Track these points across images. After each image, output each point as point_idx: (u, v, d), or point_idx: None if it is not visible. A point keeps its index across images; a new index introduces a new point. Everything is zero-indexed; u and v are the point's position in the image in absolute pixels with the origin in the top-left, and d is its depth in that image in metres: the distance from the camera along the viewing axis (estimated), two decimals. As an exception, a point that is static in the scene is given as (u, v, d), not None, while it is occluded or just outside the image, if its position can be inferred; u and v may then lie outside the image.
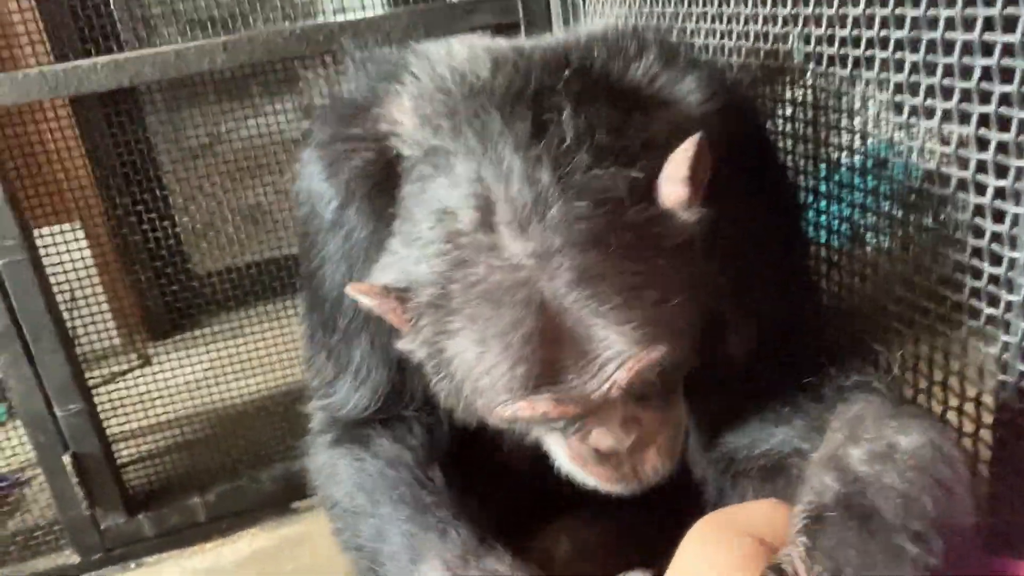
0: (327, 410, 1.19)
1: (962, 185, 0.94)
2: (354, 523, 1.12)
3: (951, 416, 1.06)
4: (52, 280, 2.26)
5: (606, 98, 0.96)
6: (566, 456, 1.00)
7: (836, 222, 1.28)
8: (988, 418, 0.99)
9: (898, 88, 1.00)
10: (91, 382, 2.45)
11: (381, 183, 1.02)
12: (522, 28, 2.23)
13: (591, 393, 0.87)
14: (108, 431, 2.47)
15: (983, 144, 0.89)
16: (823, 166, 1.29)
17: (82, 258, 2.49)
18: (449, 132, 0.93)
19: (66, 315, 2.34)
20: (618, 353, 0.85)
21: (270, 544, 2.53)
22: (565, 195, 0.85)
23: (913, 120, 0.99)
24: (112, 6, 2.89)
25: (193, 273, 3.21)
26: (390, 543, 1.06)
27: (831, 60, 1.13)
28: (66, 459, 2.32)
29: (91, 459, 2.36)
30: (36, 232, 2.25)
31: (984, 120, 0.87)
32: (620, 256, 0.85)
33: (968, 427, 1.03)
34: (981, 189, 0.91)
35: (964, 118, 0.91)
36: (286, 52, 2.04)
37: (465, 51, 1.04)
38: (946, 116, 0.93)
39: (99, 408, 2.43)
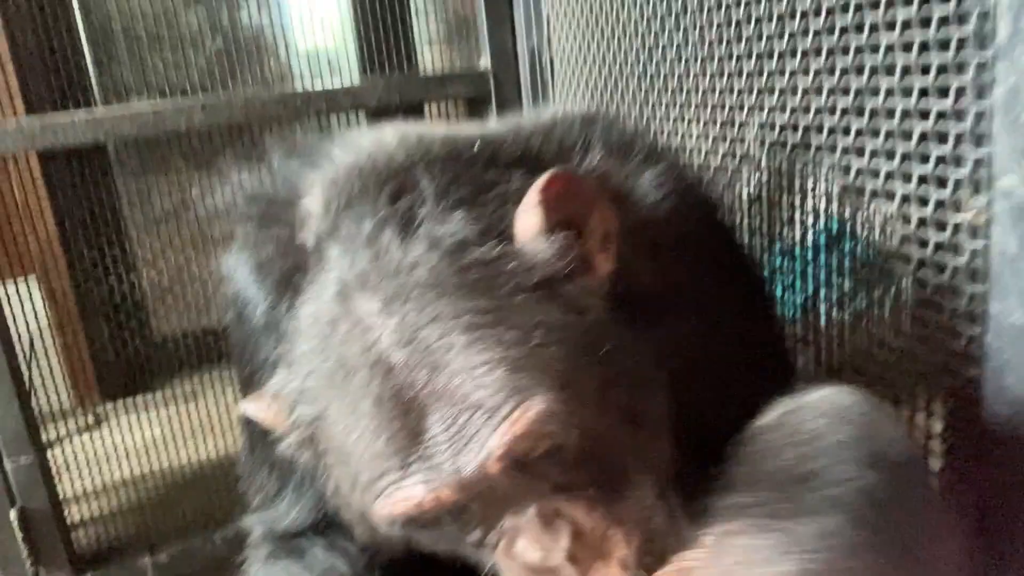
0: (266, 524, 1.13)
1: (921, 263, 1.01)
2: None
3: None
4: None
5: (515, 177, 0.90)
6: None
7: (800, 297, 1.34)
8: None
9: (858, 172, 1.07)
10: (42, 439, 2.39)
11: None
12: (493, 103, 2.31)
13: (463, 469, 0.74)
14: (57, 489, 2.40)
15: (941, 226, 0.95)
16: (788, 242, 1.35)
17: (38, 314, 2.46)
18: (335, 219, 0.89)
19: (23, 366, 2.30)
20: (486, 410, 0.73)
21: (220, 610, 2.46)
22: (404, 246, 0.80)
23: (873, 202, 1.05)
24: (88, 62, 2.92)
25: (151, 334, 3.18)
26: None
27: (794, 146, 1.20)
28: (12, 514, 2.24)
29: (38, 514, 2.28)
30: (-3, 282, 2.23)
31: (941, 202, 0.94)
32: (465, 295, 0.77)
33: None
34: (940, 268, 0.98)
35: (923, 201, 0.97)
36: (263, 116, 2.09)
37: (391, 138, 1.00)
38: (905, 199, 0.99)
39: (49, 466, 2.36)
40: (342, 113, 2.39)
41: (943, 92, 0.91)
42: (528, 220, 0.82)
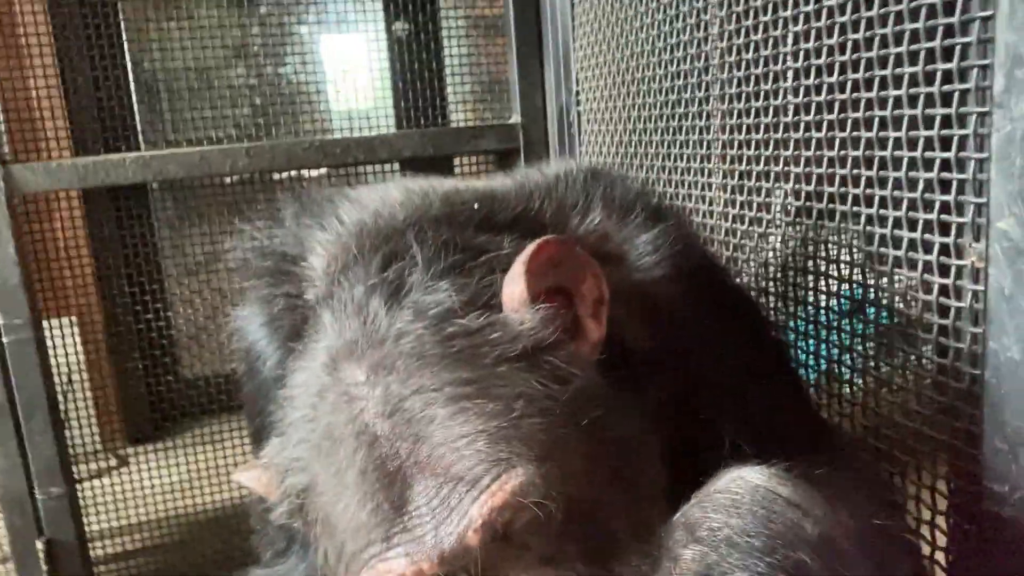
0: None
1: (927, 306, 1.04)
2: None
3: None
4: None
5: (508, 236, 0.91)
6: None
7: (821, 361, 1.35)
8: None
9: (881, 240, 1.10)
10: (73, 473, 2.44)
11: None
12: (521, 155, 2.40)
13: (443, 541, 0.73)
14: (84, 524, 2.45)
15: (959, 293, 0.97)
16: (811, 308, 1.37)
17: (74, 353, 2.55)
18: (331, 283, 0.91)
19: (60, 399, 2.37)
20: (467, 482, 0.73)
21: (234, 650, 2.46)
22: (390, 315, 0.81)
23: (896, 270, 1.08)
24: (135, 113, 3.07)
25: (180, 377, 3.25)
26: None
27: (818, 213, 1.24)
28: (39, 544, 2.29)
29: (64, 547, 2.33)
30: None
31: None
32: (450, 365, 0.77)
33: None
34: (944, 311, 1.02)
35: (943, 271, 1.01)
36: (304, 162, 2.18)
37: (396, 195, 1.02)
38: (927, 268, 1.03)
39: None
40: (377, 164, 2.48)
41: (946, 143, 0.96)
42: (513, 289, 0.82)
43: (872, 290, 1.16)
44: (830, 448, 1.09)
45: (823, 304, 1.32)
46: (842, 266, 1.23)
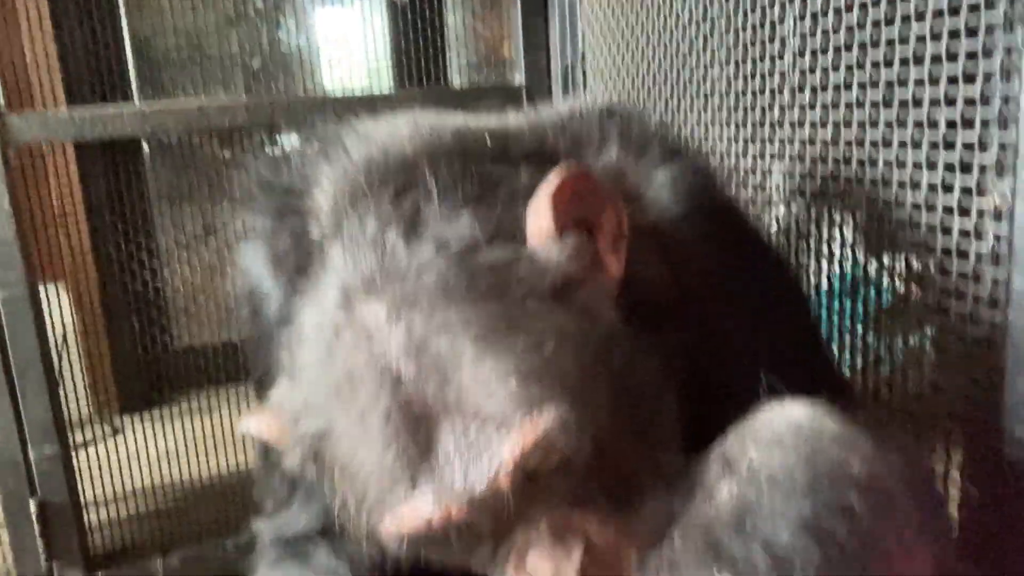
0: (275, 529, 1.13)
1: (945, 252, 1.03)
2: None
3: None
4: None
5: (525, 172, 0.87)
6: None
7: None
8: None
9: (900, 185, 1.08)
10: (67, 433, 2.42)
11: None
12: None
13: (473, 484, 0.71)
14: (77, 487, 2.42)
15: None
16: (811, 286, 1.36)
17: (65, 321, 2.51)
18: (339, 217, 0.87)
19: (55, 357, 2.34)
20: (496, 423, 0.71)
21: (228, 616, 2.46)
22: (410, 248, 0.77)
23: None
24: (130, 68, 3.02)
25: (172, 345, 3.22)
26: None
27: (833, 162, 1.22)
28: (32, 505, 2.27)
29: (57, 509, 2.30)
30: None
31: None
32: (476, 301, 0.74)
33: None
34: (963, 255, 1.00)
35: (947, 189, 1.00)
36: (303, 117, 2.14)
37: (404, 129, 0.97)
38: (947, 211, 1.01)
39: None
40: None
41: (971, 78, 0.94)
42: (539, 221, 0.80)
43: (889, 240, 1.15)
44: (850, 400, 1.08)
45: (836, 259, 1.30)
46: (859, 215, 1.21)
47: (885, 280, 1.23)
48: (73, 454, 2.44)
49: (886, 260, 1.17)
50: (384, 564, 1.01)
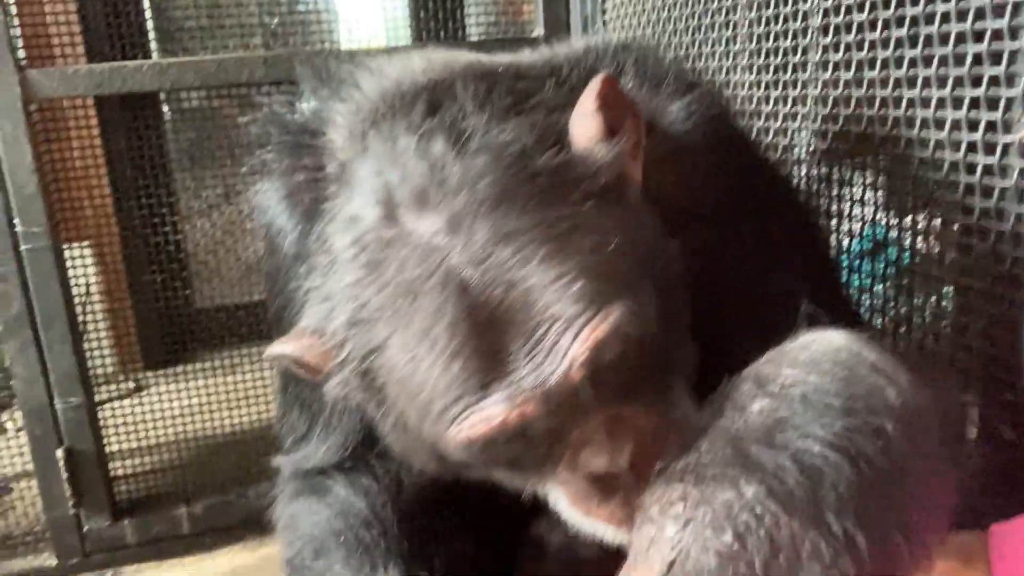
0: (295, 464, 1.15)
1: (968, 189, 1.02)
2: None
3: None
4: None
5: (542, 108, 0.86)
6: (568, 504, 0.84)
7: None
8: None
9: (923, 124, 1.08)
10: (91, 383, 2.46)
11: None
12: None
13: (547, 379, 0.73)
14: (102, 436, 2.47)
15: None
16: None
17: (88, 281, 2.55)
18: (360, 143, 0.87)
19: (79, 309, 2.38)
20: (567, 320, 0.72)
21: (251, 562, 2.50)
22: (461, 158, 0.77)
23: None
24: (147, 15, 3.01)
25: (195, 306, 3.25)
26: None
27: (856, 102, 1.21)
28: (59, 453, 2.31)
29: (83, 457, 2.35)
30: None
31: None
32: (537, 206, 0.75)
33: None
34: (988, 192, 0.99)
35: (972, 125, 0.99)
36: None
37: (419, 63, 0.98)
38: (971, 148, 1.01)
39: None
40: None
41: (999, 11, 0.93)
42: (587, 126, 0.81)
43: (914, 182, 1.14)
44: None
45: (858, 196, 1.29)
46: (883, 158, 1.20)
47: (908, 223, 1.22)
48: (99, 409, 2.49)
49: (910, 202, 1.17)
50: (397, 494, 1.05)
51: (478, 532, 1.05)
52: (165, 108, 3.16)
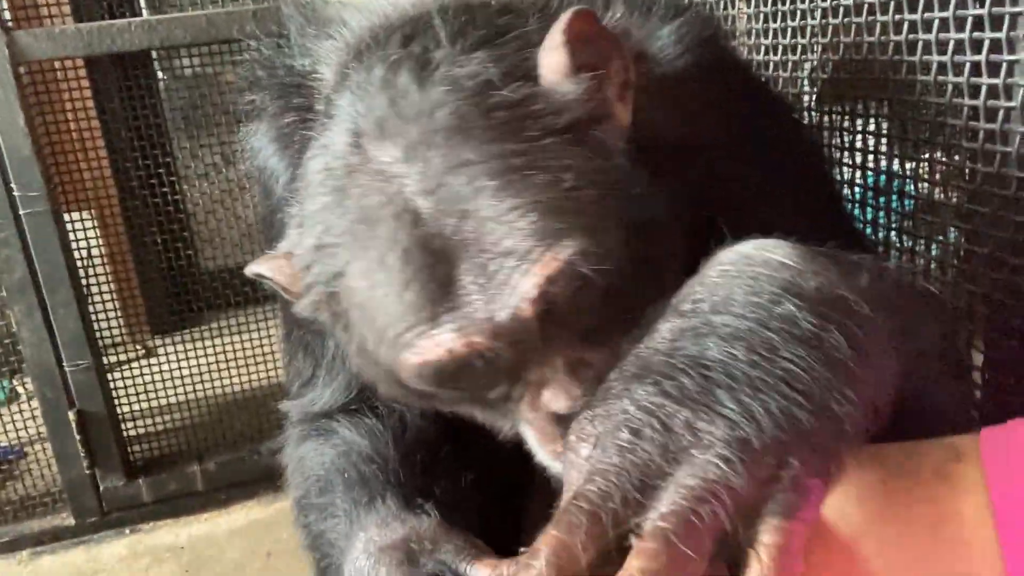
0: (301, 407, 1.15)
1: (973, 112, 1.00)
2: (306, 518, 1.07)
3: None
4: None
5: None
6: (537, 444, 0.84)
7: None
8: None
9: (925, 48, 1.05)
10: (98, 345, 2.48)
11: None
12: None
13: (495, 314, 0.72)
14: (113, 396, 2.50)
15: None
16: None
17: (90, 248, 2.55)
18: (344, 73, 0.86)
19: (81, 273, 2.38)
20: (517, 255, 0.71)
21: (265, 516, 2.55)
22: (423, 89, 0.76)
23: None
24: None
25: (200, 270, 3.25)
26: (333, 529, 1.00)
27: (856, 29, 1.18)
28: (71, 415, 2.34)
29: (95, 418, 2.38)
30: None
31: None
32: (493, 138, 0.74)
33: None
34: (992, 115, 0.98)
35: (976, 46, 0.97)
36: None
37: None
38: (975, 70, 0.98)
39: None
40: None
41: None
42: (553, 60, 0.79)
43: (915, 107, 1.12)
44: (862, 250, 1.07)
45: (859, 126, 1.28)
46: (883, 86, 1.18)
47: (912, 157, 1.20)
48: (109, 374, 2.51)
49: (913, 133, 1.15)
50: (405, 432, 1.06)
51: (483, 467, 1.05)
52: (160, 74, 3.13)
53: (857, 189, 1.33)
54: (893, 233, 1.27)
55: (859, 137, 1.30)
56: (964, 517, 0.60)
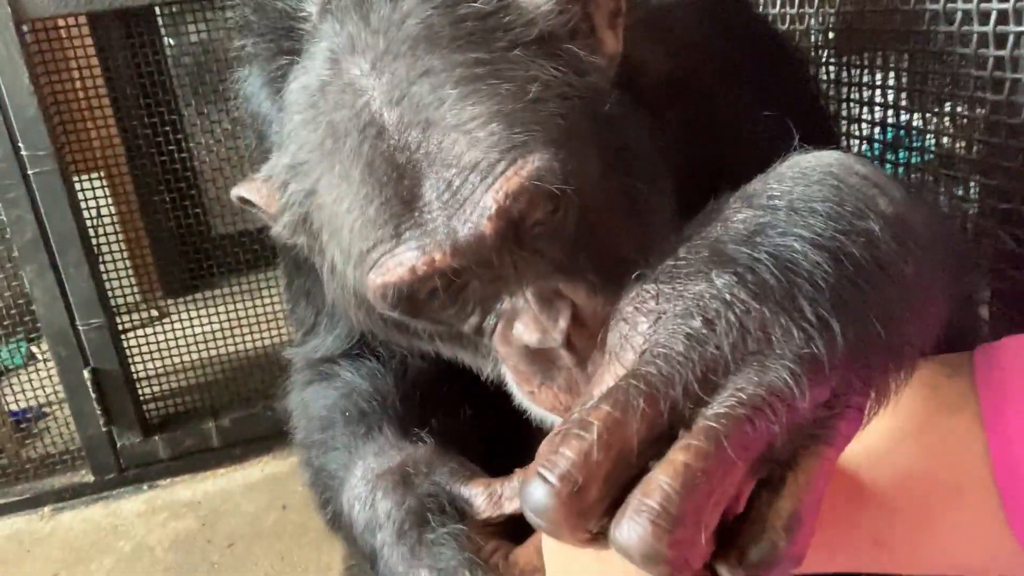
0: (304, 354, 1.16)
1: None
2: (308, 455, 1.08)
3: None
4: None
5: None
6: (514, 384, 0.82)
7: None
8: None
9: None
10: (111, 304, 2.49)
11: None
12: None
13: (458, 231, 0.70)
14: (127, 353, 2.51)
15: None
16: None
17: (100, 210, 2.54)
18: (324, 6, 0.85)
19: (91, 232, 2.38)
20: (480, 169, 0.69)
21: (280, 470, 2.58)
22: (394, 1, 0.75)
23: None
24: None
25: (211, 234, 3.24)
26: (333, 461, 1.00)
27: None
28: (86, 374, 2.36)
29: (110, 376, 2.40)
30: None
31: None
32: (459, 47, 0.72)
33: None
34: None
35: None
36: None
37: None
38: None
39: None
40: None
41: None
42: None
43: (937, 58, 1.09)
44: None
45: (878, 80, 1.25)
46: (902, 37, 1.15)
47: (931, 109, 1.18)
48: (124, 336, 2.52)
49: (934, 86, 1.12)
50: (406, 374, 1.06)
51: (485, 407, 1.03)
52: (168, 40, 3.08)
53: (876, 145, 1.31)
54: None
55: (878, 92, 1.28)
56: (955, 429, 0.59)
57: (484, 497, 0.82)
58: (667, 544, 0.44)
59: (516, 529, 0.80)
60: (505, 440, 1.03)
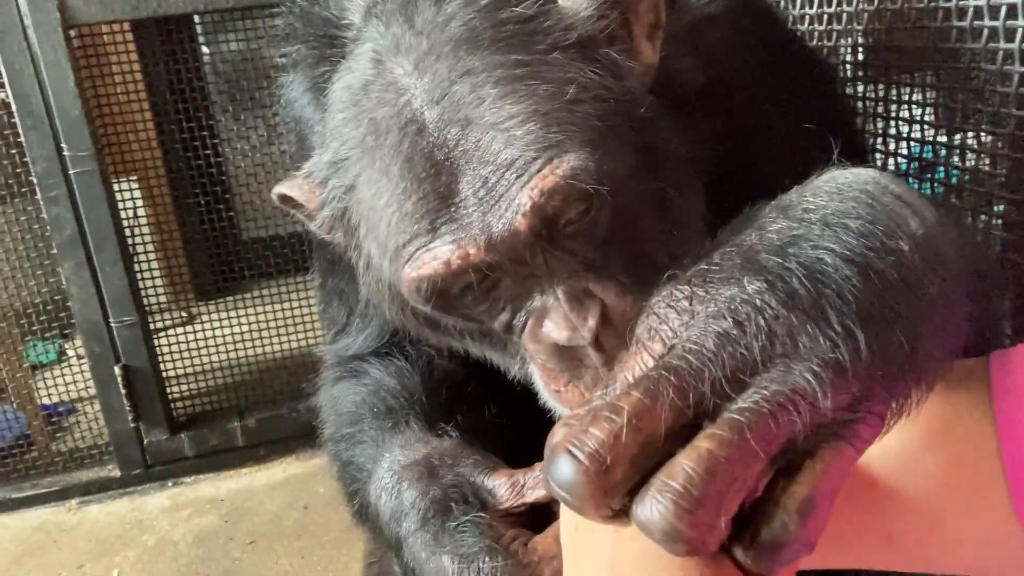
0: (335, 352, 1.18)
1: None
2: (336, 448, 1.09)
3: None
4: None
5: None
6: (541, 383, 0.84)
7: None
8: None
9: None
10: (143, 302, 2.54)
11: None
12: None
13: (492, 226, 0.72)
14: (157, 352, 2.56)
15: None
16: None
17: (136, 212, 2.61)
18: (368, 11, 0.87)
19: (127, 232, 2.43)
20: (516, 167, 0.71)
21: (303, 471, 2.61)
22: (438, 4, 0.77)
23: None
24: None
25: (242, 239, 3.29)
26: (361, 454, 1.02)
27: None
28: (117, 371, 2.41)
29: (140, 374, 2.45)
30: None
31: None
32: (500, 49, 0.74)
33: None
34: None
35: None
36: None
37: None
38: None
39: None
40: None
41: None
42: None
43: (964, 75, 1.10)
44: None
45: (905, 96, 1.26)
46: (931, 57, 1.17)
47: (959, 130, 1.19)
48: (154, 337, 2.57)
49: (961, 104, 1.13)
50: (433, 373, 1.08)
51: (510, 406, 1.05)
52: (205, 49, 3.15)
53: (902, 161, 1.32)
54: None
55: (904, 108, 1.29)
56: (970, 432, 0.61)
57: (506, 487, 0.83)
58: (687, 524, 0.46)
59: (535, 519, 0.82)
60: (527, 440, 1.06)
